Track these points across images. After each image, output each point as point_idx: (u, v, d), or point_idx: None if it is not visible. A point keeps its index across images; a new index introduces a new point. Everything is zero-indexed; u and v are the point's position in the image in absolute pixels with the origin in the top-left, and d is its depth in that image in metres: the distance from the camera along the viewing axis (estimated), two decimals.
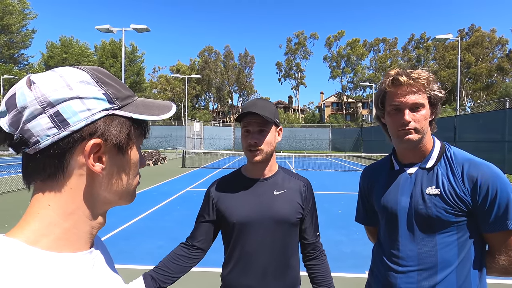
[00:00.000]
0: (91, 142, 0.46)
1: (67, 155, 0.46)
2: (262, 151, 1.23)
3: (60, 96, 0.45)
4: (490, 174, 1.06)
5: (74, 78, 0.47)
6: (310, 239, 1.36)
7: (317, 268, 1.36)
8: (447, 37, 16.46)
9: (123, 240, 4.86)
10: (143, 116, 0.51)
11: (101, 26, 16.08)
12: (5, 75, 27.85)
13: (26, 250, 0.43)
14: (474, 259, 1.10)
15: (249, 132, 1.24)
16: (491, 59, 44.38)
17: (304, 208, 1.32)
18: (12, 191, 8.63)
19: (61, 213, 0.47)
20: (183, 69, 52.58)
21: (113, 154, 0.50)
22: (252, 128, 1.23)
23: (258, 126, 1.23)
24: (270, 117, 1.21)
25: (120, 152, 0.51)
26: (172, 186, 10.33)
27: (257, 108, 1.21)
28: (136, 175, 0.56)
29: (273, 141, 1.27)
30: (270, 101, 1.32)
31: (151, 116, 0.52)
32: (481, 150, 12.81)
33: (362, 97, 54.78)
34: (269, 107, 1.25)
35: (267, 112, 1.22)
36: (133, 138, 0.52)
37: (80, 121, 0.46)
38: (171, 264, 1.26)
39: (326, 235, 5.09)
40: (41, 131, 0.44)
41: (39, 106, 0.44)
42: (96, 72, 0.50)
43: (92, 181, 0.49)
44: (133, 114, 0.50)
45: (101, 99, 0.48)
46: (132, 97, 0.54)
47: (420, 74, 1.11)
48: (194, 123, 31.07)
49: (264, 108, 1.23)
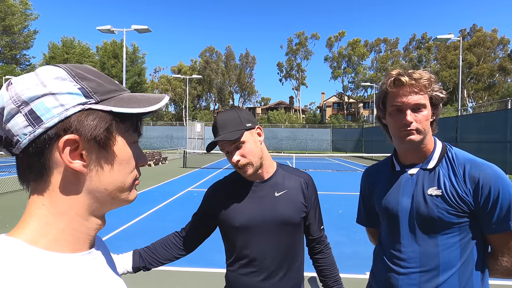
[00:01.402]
0: (64, 138, 0.45)
1: (46, 153, 0.46)
2: (250, 163, 1.19)
3: (33, 94, 0.45)
4: (492, 174, 1.06)
5: (49, 75, 0.46)
6: (315, 234, 1.36)
7: (323, 262, 1.37)
8: (448, 37, 16.43)
9: (124, 241, 4.86)
10: (124, 109, 0.48)
11: (102, 26, 16.12)
12: (7, 75, 27.93)
13: (27, 249, 0.43)
14: (476, 261, 1.09)
15: (228, 152, 1.20)
16: (493, 59, 44.26)
17: (307, 206, 1.31)
18: (13, 191, 8.64)
19: (54, 213, 0.47)
20: (184, 69, 52.65)
21: (94, 150, 0.48)
22: (228, 148, 1.19)
23: (231, 144, 1.18)
24: (235, 131, 1.16)
25: (103, 148, 0.48)
26: (173, 186, 10.33)
27: (220, 130, 1.17)
28: (130, 172, 0.52)
29: (254, 147, 1.20)
30: (232, 109, 1.24)
31: (135, 109, 0.49)
32: (482, 151, 12.77)
33: (363, 97, 54.77)
34: (231, 121, 1.18)
35: (230, 128, 1.17)
36: (116, 132, 0.49)
37: (53, 117, 0.45)
38: (161, 249, 1.29)
39: (327, 236, 5.07)
40: (19, 130, 0.45)
41: (14, 105, 0.44)
42: (74, 68, 0.49)
43: (77, 179, 0.47)
44: (113, 107, 0.48)
45: (76, 94, 0.46)
46: (119, 91, 0.51)
47: (421, 74, 1.10)
48: (195, 123, 31.10)
49: (225, 126, 1.17)
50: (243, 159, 1.18)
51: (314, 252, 1.39)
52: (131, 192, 0.54)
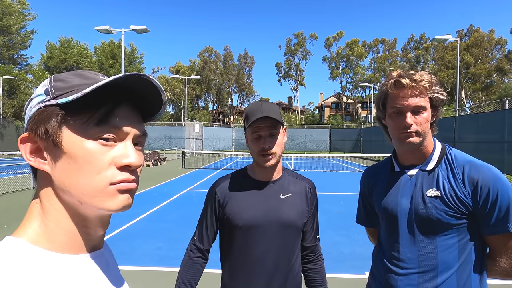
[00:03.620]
0: (20, 137, 0.47)
1: None
2: (275, 155, 1.21)
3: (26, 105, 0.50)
4: (491, 176, 1.06)
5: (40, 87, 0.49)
6: (310, 242, 1.35)
7: (313, 272, 1.36)
8: (446, 38, 16.48)
9: (123, 241, 4.85)
10: (66, 99, 0.44)
11: (100, 27, 16.07)
12: (5, 75, 27.79)
13: (30, 249, 0.44)
14: (474, 262, 1.10)
15: (260, 137, 1.21)
16: (490, 60, 44.43)
17: (309, 211, 1.31)
18: (12, 192, 8.61)
19: (43, 212, 0.48)
20: (183, 69, 52.59)
21: (51, 148, 0.46)
22: (263, 132, 1.20)
23: (268, 130, 1.20)
24: (278, 119, 1.20)
25: (56, 146, 0.45)
26: (171, 187, 10.31)
27: (265, 111, 1.19)
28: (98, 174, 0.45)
29: (282, 142, 1.25)
30: (272, 102, 1.30)
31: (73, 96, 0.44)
32: (480, 151, 12.83)
33: (361, 97, 54.83)
34: (275, 109, 1.23)
35: (275, 114, 1.20)
36: (68, 126, 0.45)
37: (27, 121, 0.48)
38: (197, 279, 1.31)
39: (326, 236, 5.08)
40: None
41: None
42: (59, 75, 0.49)
43: (47, 180, 0.48)
44: (58, 99, 0.45)
45: (40, 95, 0.47)
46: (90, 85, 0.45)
47: (422, 76, 1.10)
48: (194, 123, 31.05)
49: (271, 111, 1.20)
50: (273, 147, 1.20)
51: (306, 261, 1.37)
52: (109, 199, 0.46)
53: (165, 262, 4.03)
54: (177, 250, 4.40)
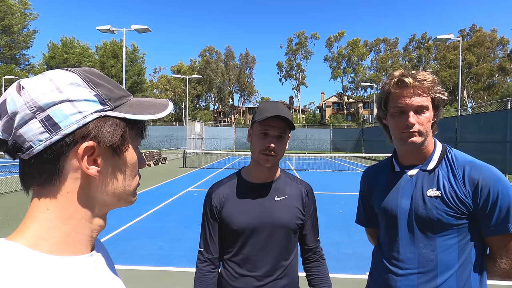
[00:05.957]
0: (83, 145, 0.45)
1: (61, 159, 0.46)
2: (276, 157, 1.22)
3: (50, 100, 0.45)
4: (491, 177, 1.05)
5: (64, 81, 0.46)
6: (311, 244, 1.36)
7: (316, 270, 1.36)
8: (448, 37, 16.43)
9: (124, 241, 4.86)
10: (138, 116, 0.50)
11: (102, 26, 16.11)
12: (7, 75, 27.91)
13: (27, 253, 0.43)
14: (474, 263, 1.09)
15: (267, 135, 1.21)
16: (492, 59, 44.26)
17: (305, 214, 1.32)
18: (13, 191, 8.63)
19: (59, 217, 0.47)
20: (184, 69, 52.62)
21: (108, 156, 0.49)
22: (272, 132, 1.19)
23: (278, 131, 1.19)
24: (291, 123, 1.20)
25: (116, 154, 0.50)
26: (172, 186, 10.33)
27: (281, 111, 1.18)
28: (135, 176, 0.54)
29: (285, 147, 1.25)
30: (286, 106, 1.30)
31: (146, 116, 0.51)
32: (482, 151, 12.77)
33: (363, 97, 54.78)
34: (290, 113, 1.21)
35: (290, 118, 1.19)
36: (128, 138, 0.51)
37: (72, 124, 0.45)
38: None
39: (326, 236, 5.08)
40: (33, 136, 0.44)
41: (29, 111, 0.44)
42: (87, 74, 0.49)
43: (88, 184, 0.48)
44: (126, 114, 0.49)
45: (93, 101, 0.47)
46: (127, 97, 0.53)
47: (425, 76, 1.09)
48: (195, 123, 31.09)
49: (287, 113, 1.19)
50: (277, 148, 1.21)
51: (309, 262, 1.37)
52: (135, 195, 0.56)
53: (166, 261, 4.02)
54: (178, 249, 4.36)
